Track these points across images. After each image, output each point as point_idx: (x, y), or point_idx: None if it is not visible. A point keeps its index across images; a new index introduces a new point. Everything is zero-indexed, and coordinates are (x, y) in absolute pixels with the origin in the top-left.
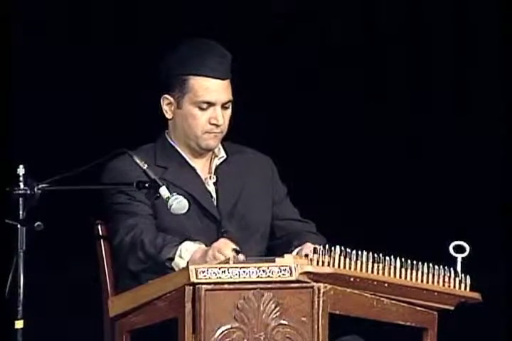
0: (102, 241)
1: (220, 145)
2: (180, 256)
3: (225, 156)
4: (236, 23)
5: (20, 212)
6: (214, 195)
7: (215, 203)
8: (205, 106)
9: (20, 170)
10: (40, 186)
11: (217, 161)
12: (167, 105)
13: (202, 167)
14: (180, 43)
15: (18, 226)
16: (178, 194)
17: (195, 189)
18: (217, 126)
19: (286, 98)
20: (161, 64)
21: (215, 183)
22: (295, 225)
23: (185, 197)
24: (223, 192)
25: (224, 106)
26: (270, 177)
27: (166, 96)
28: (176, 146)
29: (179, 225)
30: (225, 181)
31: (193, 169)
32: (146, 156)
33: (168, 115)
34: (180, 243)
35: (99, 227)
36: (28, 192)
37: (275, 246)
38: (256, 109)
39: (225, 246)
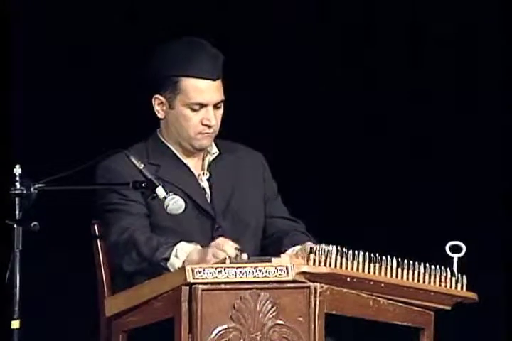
0: (98, 240)
1: (213, 142)
2: (176, 256)
3: (218, 152)
4: (233, 22)
5: (17, 212)
6: (208, 191)
7: (208, 199)
8: (197, 107)
9: (17, 170)
10: (36, 186)
11: (210, 157)
12: (158, 105)
13: (195, 164)
14: (169, 42)
15: (15, 226)
16: (174, 194)
17: (188, 186)
18: (209, 126)
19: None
20: (151, 64)
21: (208, 179)
22: (285, 223)
23: (178, 194)
24: (217, 188)
25: (216, 106)
26: (262, 174)
27: (158, 96)
28: (169, 144)
29: (174, 222)
30: (218, 177)
31: (186, 166)
32: (139, 154)
33: (160, 115)
34: (175, 244)
35: (96, 227)
36: (25, 192)
37: (265, 244)
38: (257, 108)
39: (225, 244)
